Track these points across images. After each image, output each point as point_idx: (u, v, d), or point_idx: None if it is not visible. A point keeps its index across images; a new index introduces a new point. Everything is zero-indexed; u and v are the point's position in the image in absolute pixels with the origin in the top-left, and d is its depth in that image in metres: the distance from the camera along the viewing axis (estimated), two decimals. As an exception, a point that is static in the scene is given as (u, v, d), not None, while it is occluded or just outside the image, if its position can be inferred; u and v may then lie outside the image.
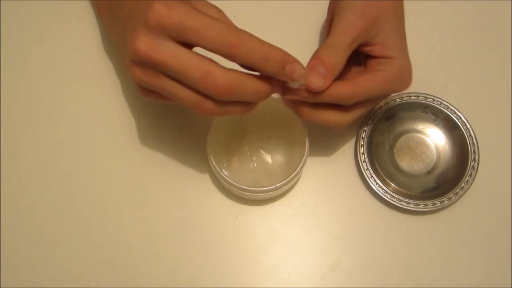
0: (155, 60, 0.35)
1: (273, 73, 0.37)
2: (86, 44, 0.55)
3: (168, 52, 0.35)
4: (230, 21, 0.38)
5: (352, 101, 0.42)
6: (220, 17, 0.38)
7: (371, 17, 0.42)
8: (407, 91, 0.52)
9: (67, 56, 0.55)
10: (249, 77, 0.37)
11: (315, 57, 0.40)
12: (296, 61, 0.37)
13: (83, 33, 0.55)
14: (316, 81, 0.39)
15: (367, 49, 0.44)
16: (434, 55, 0.56)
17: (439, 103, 0.52)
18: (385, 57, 0.43)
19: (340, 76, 0.41)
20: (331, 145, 0.53)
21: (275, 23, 0.56)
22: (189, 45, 0.36)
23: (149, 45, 0.35)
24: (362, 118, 0.52)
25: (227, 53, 0.35)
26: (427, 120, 0.53)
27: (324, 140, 0.52)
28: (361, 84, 0.41)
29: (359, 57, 0.46)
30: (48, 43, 0.55)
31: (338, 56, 0.40)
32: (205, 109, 0.37)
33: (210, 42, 0.35)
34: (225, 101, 0.37)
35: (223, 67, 0.36)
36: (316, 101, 0.41)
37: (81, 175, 0.51)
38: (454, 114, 0.52)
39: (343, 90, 0.41)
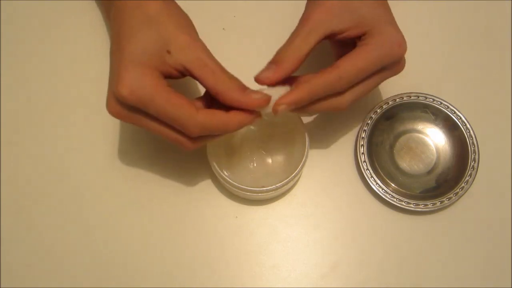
0: (138, 103, 0.38)
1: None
2: (86, 45, 0.55)
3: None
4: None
5: (342, 83, 0.41)
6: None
7: (326, 7, 0.42)
8: (407, 91, 0.52)
9: (67, 56, 0.55)
10: (220, 117, 0.39)
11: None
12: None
13: (83, 33, 0.55)
14: (264, 74, 0.41)
15: (344, 35, 0.43)
16: (434, 55, 0.56)
17: (439, 103, 0.52)
18: (364, 33, 0.43)
19: None
20: (331, 145, 0.53)
21: (275, 23, 0.56)
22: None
23: (133, 90, 0.37)
24: (362, 117, 0.52)
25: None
26: (427, 120, 0.53)
27: (324, 140, 0.53)
28: (344, 64, 0.41)
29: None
30: (48, 43, 0.55)
31: (288, 50, 0.42)
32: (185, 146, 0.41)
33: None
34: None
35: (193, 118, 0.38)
36: (306, 102, 0.41)
37: (81, 175, 0.51)
38: (454, 114, 0.52)
39: (327, 76, 0.41)
